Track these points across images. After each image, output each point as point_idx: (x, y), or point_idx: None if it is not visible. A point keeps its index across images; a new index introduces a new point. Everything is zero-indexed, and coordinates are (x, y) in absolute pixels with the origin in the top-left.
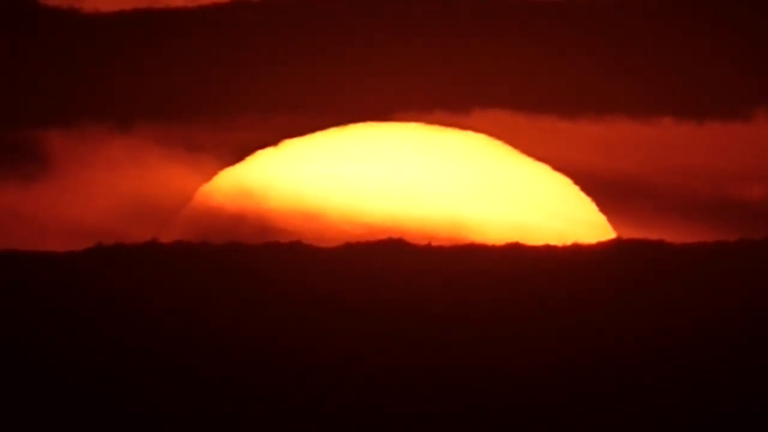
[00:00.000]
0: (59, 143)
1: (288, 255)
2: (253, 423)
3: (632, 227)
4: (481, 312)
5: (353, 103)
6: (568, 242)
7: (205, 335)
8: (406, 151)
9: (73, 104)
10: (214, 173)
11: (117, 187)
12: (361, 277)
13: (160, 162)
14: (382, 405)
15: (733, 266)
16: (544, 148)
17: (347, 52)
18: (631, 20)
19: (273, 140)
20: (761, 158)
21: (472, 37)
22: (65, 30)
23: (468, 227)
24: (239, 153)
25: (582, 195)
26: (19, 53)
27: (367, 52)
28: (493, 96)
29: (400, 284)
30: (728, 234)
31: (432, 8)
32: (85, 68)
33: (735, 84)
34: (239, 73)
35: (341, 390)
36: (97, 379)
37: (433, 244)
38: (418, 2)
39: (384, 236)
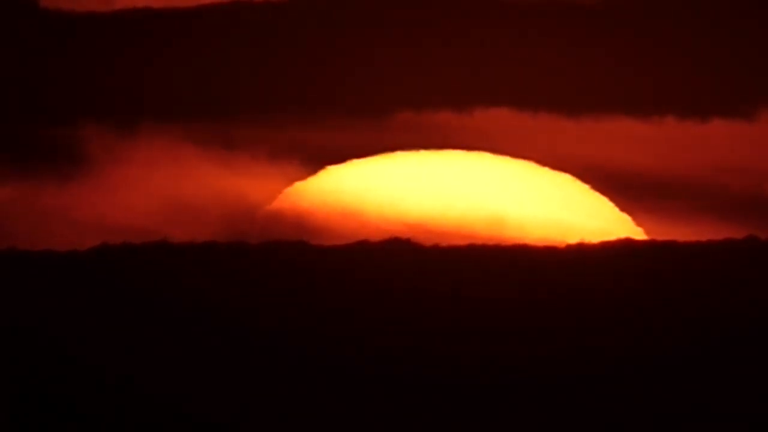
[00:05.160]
0: (95, 142)
1: (291, 255)
2: (259, 425)
3: (654, 226)
4: (497, 313)
5: (355, 102)
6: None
7: (206, 336)
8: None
9: (109, 103)
10: (249, 172)
11: (153, 185)
12: (362, 277)
13: (197, 160)
14: (395, 406)
15: (740, 265)
16: (548, 148)
17: (349, 52)
18: (637, 19)
19: (306, 138)
20: None
21: (474, 36)
22: (100, 27)
23: (507, 225)
24: (274, 151)
25: (597, 195)
26: (54, 53)
27: (369, 52)
28: (496, 96)
29: (406, 285)
30: (743, 231)
31: (436, 8)
32: (122, 67)
33: (739, 82)
34: (275, 72)
35: (348, 390)
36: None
37: (443, 244)
38: (422, 2)
39: (423, 234)
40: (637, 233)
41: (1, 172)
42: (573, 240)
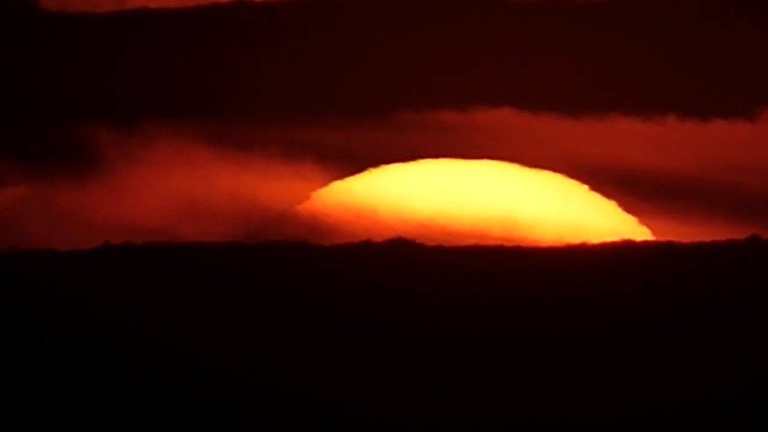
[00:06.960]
0: (108, 142)
1: (293, 255)
2: (264, 425)
3: (659, 227)
4: (499, 312)
5: (357, 102)
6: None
7: (206, 336)
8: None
9: (121, 103)
10: (263, 172)
11: (166, 186)
12: (365, 278)
13: (210, 161)
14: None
15: (743, 265)
16: (550, 148)
17: (351, 52)
18: (639, 19)
19: (320, 139)
20: None
21: (475, 36)
22: (109, 27)
23: (520, 226)
24: (288, 152)
25: (600, 195)
26: (61, 53)
27: (370, 52)
28: (497, 95)
29: (409, 285)
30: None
31: (438, 8)
32: (133, 66)
33: (741, 82)
34: (288, 71)
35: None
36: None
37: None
38: (425, 2)
39: (436, 233)
40: (643, 234)
41: (14, 173)
42: (577, 240)
